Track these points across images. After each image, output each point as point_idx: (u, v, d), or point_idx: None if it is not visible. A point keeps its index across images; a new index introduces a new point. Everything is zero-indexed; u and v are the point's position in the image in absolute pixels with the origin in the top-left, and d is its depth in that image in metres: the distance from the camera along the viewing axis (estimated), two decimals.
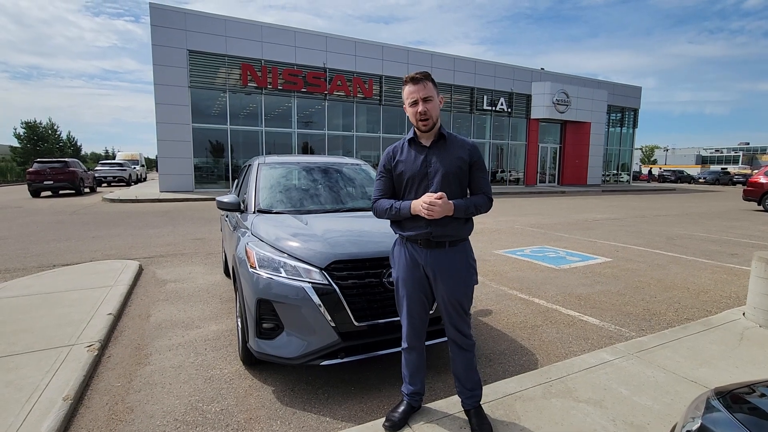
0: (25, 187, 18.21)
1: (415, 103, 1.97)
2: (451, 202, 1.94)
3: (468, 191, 2.11)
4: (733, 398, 1.25)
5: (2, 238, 7.71)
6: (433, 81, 2.01)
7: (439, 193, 1.91)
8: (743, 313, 3.73)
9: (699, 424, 1.20)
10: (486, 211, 2.09)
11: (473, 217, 2.10)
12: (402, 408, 2.15)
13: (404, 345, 2.17)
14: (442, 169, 2.00)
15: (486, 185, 2.09)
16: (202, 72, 17.70)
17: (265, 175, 3.80)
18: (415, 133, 2.08)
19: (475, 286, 2.18)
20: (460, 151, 2.04)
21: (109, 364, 2.94)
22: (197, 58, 17.49)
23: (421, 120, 1.97)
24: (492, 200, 2.10)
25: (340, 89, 20.19)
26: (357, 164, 4.35)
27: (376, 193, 2.17)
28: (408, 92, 1.99)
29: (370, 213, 3.48)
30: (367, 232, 3.00)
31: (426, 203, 1.90)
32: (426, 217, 1.91)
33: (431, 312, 2.24)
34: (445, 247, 2.03)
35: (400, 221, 2.08)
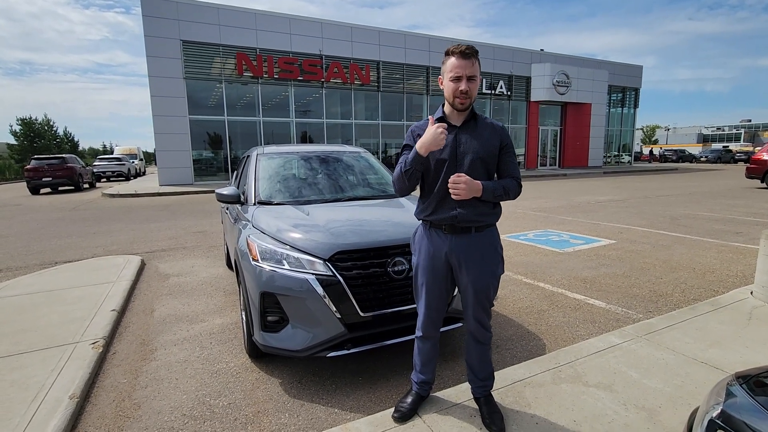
0: (24, 184, 18.15)
1: (457, 79, 1.82)
2: (479, 182, 1.83)
3: (496, 175, 2.01)
4: (756, 383, 1.22)
5: (3, 236, 7.68)
6: (479, 60, 1.87)
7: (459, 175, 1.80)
8: (751, 292, 3.69)
9: (720, 411, 1.17)
10: (514, 197, 1.97)
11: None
12: (411, 398, 2.13)
13: (419, 334, 2.12)
14: (473, 151, 1.89)
15: (515, 169, 1.98)
16: (196, 62, 17.44)
17: (264, 165, 3.74)
18: (444, 111, 1.96)
19: None
20: (491, 133, 1.93)
21: (114, 361, 2.93)
22: (191, 49, 17.21)
23: (459, 98, 1.85)
24: (521, 185, 1.99)
25: (337, 76, 19.91)
26: (356, 152, 4.28)
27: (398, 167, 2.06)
28: (452, 65, 1.82)
29: (373, 201, 3.46)
30: (371, 221, 2.95)
31: (450, 182, 1.79)
32: (453, 196, 1.81)
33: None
34: (471, 232, 1.93)
35: (426, 208, 1.98)
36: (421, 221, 2.07)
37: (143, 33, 16.32)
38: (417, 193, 2.16)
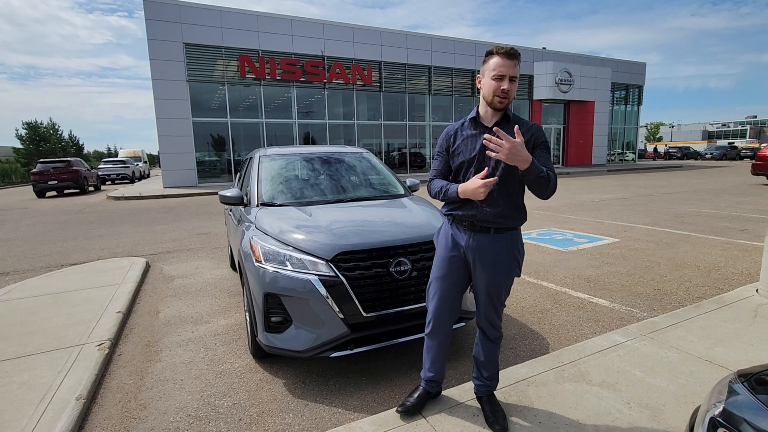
0: (30, 187, 18.32)
1: (500, 78, 1.82)
2: (529, 153, 1.72)
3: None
4: (757, 381, 1.22)
5: (10, 239, 7.76)
6: (520, 64, 1.88)
7: (491, 180, 1.77)
8: (756, 290, 3.67)
9: (722, 409, 1.17)
10: (552, 190, 1.84)
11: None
12: (417, 393, 2.14)
13: (427, 330, 2.13)
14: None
15: (550, 167, 1.87)
16: (199, 65, 17.53)
17: (267, 167, 3.76)
18: (478, 111, 1.97)
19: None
20: (524, 133, 1.87)
21: (120, 362, 2.95)
22: (194, 51, 17.30)
23: (500, 96, 1.84)
24: (557, 182, 1.87)
25: (339, 77, 19.95)
26: (359, 153, 4.30)
27: (432, 173, 2.10)
28: (496, 65, 1.82)
29: (375, 202, 3.47)
30: (373, 221, 2.96)
31: (491, 138, 1.69)
32: (491, 153, 1.71)
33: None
34: (489, 233, 1.93)
35: (451, 203, 2.00)
36: (445, 216, 2.09)
37: (146, 36, 16.43)
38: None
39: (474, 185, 1.82)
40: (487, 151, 1.84)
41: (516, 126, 1.77)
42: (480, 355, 2.10)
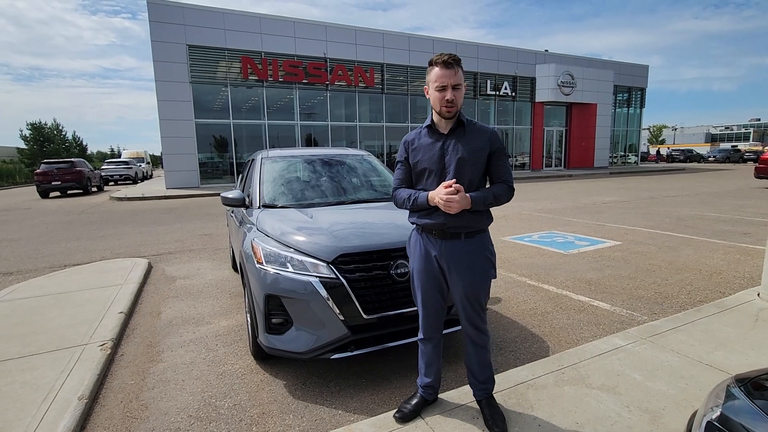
0: (34, 188, 18.42)
1: (443, 89, 1.87)
2: (468, 195, 1.84)
3: (488, 180, 2.02)
4: (754, 385, 1.22)
5: (14, 239, 7.80)
6: (462, 67, 1.91)
7: (456, 186, 1.82)
8: (758, 294, 3.66)
9: (719, 413, 1.17)
10: (507, 201, 1.97)
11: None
12: (415, 401, 2.14)
13: (420, 336, 2.15)
14: (459, 158, 1.91)
15: (506, 173, 1.98)
16: (202, 67, 17.61)
17: (269, 169, 3.78)
18: (432, 119, 2.00)
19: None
20: (480, 138, 1.94)
21: (122, 363, 2.97)
22: (197, 53, 17.39)
23: (446, 107, 1.89)
24: (513, 189, 1.99)
25: (342, 79, 20.01)
26: (360, 155, 4.31)
27: (395, 182, 2.12)
28: (437, 76, 1.87)
29: (376, 204, 3.49)
30: (374, 223, 2.98)
31: (443, 199, 1.81)
32: (444, 210, 1.85)
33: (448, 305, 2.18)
34: (460, 238, 1.95)
35: (417, 210, 2.02)
36: (414, 225, 2.10)
37: (150, 38, 16.53)
38: None
39: (440, 193, 1.84)
40: (445, 159, 1.92)
41: (453, 179, 1.84)
42: (472, 362, 2.11)
